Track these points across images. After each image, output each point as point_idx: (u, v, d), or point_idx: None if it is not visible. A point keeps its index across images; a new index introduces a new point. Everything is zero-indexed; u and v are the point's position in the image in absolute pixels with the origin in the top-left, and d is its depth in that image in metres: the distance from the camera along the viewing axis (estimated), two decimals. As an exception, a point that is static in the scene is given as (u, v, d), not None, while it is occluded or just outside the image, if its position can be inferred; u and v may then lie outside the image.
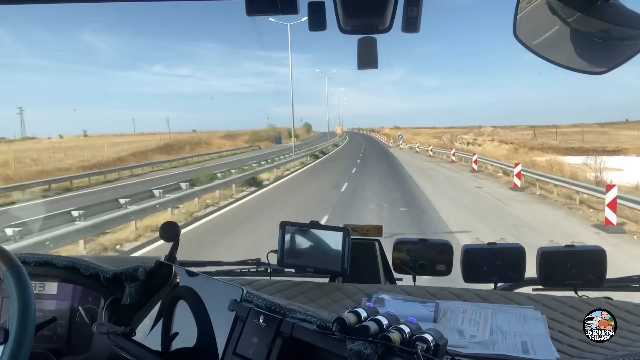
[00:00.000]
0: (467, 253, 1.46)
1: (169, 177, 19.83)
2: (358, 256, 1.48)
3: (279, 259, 1.43)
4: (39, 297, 1.24)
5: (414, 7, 0.98)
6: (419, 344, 0.73)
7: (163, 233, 1.34)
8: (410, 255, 1.55)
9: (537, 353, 0.94)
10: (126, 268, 1.20)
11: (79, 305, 1.25)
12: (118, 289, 1.22)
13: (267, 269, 1.64)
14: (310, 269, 1.39)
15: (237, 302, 0.98)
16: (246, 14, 0.97)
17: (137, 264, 1.21)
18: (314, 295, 1.27)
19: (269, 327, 0.91)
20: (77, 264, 1.26)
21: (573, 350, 0.96)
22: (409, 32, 1.01)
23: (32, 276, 0.95)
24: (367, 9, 1.06)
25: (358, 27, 1.12)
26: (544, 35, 0.89)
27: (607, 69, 0.85)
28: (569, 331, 1.04)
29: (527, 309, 1.11)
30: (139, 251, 7.79)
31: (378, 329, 0.77)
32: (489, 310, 1.11)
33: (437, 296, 1.24)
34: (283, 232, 1.42)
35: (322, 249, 1.37)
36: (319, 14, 1.03)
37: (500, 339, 1.00)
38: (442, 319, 1.11)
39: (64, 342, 1.23)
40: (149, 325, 1.10)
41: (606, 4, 0.77)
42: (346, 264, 1.32)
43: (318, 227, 1.39)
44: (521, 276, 1.45)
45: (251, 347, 0.91)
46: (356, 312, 0.81)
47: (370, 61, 1.18)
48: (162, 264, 1.20)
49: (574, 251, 1.42)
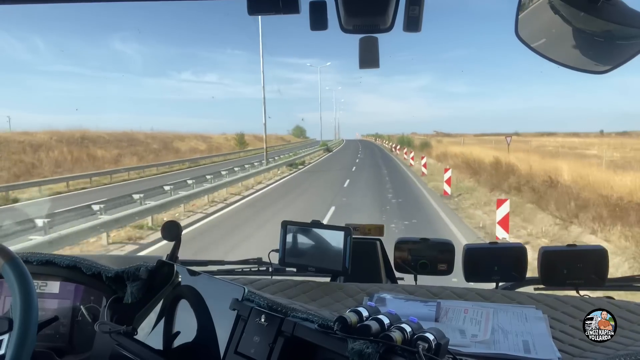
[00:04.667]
0: (469, 252, 1.46)
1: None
2: (359, 255, 1.48)
3: (281, 258, 1.43)
4: (41, 296, 1.24)
5: (416, 6, 0.98)
6: (421, 343, 0.73)
7: (165, 232, 1.34)
8: (412, 255, 1.55)
9: (539, 352, 0.94)
10: (128, 267, 1.21)
11: (80, 304, 1.25)
12: (120, 288, 1.22)
13: (269, 268, 1.64)
14: (312, 268, 1.39)
15: (238, 301, 0.98)
16: (248, 13, 0.97)
17: (139, 263, 1.21)
18: (315, 295, 1.27)
19: (270, 326, 0.91)
20: (79, 263, 1.26)
21: (575, 349, 0.96)
22: (410, 32, 1.01)
23: (35, 275, 0.95)
24: (369, 8, 1.06)
25: (359, 27, 1.12)
26: (545, 34, 0.89)
27: (609, 68, 0.85)
28: (570, 331, 1.04)
29: (528, 309, 1.11)
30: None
31: (379, 328, 0.77)
32: (490, 309, 1.11)
33: (438, 295, 1.23)
34: (285, 231, 1.42)
35: (323, 248, 1.37)
36: (320, 14, 1.03)
37: (501, 339, 1.00)
38: (444, 318, 1.11)
39: (66, 341, 1.24)
40: (150, 324, 1.10)
41: (608, 3, 0.77)
42: (347, 264, 1.32)
43: (319, 226, 1.39)
44: (523, 275, 1.45)
45: (253, 346, 0.92)
46: (358, 312, 0.81)
47: (371, 61, 1.18)
48: (163, 263, 1.20)
49: (575, 251, 1.42)
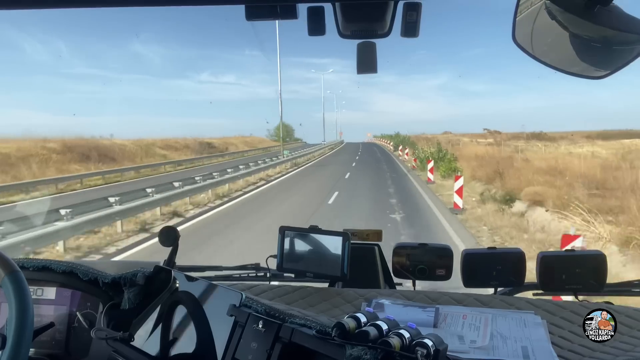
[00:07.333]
0: (467, 258, 1.46)
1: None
2: (358, 261, 1.47)
3: (279, 264, 1.42)
4: (37, 302, 1.24)
5: (413, 12, 0.99)
6: (419, 349, 0.73)
7: (162, 238, 1.34)
8: (410, 260, 1.55)
9: (538, 358, 0.94)
10: (125, 273, 1.20)
11: (77, 311, 1.24)
12: (117, 294, 1.21)
13: (267, 273, 1.63)
14: (310, 273, 1.38)
15: (236, 307, 0.98)
16: (245, 18, 0.98)
17: (136, 269, 1.21)
18: (313, 300, 1.27)
19: (268, 332, 0.91)
20: (75, 269, 1.25)
21: (573, 355, 0.96)
22: (408, 37, 1.02)
23: (31, 281, 0.95)
24: (367, 14, 1.06)
25: (357, 32, 1.12)
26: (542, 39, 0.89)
27: (606, 73, 0.86)
28: (569, 336, 1.03)
29: (527, 314, 1.11)
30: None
31: (378, 334, 0.77)
32: (489, 315, 1.11)
33: (437, 301, 1.23)
34: (282, 236, 1.41)
35: (321, 253, 1.36)
36: (318, 19, 1.04)
37: (500, 344, 1.00)
38: (442, 324, 1.10)
39: (62, 347, 1.23)
40: (147, 330, 1.09)
41: (605, 8, 0.77)
42: (346, 269, 1.32)
43: (317, 231, 1.38)
44: (521, 281, 1.44)
45: (250, 352, 0.91)
46: (356, 317, 0.81)
47: (369, 66, 1.18)
48: (161, 268, 1.19)
49: (574, 256, 1.42)
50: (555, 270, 1.39)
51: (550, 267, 1.40)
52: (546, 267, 1.40)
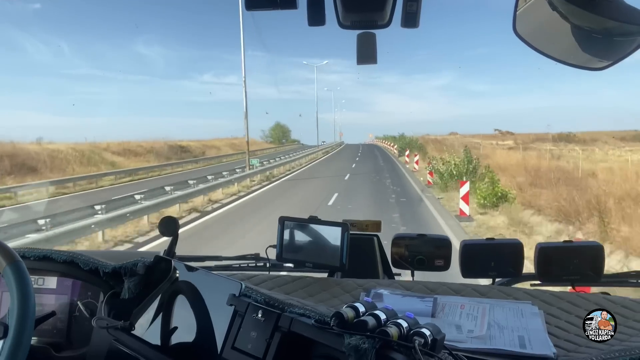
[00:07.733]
0: (466, 248, 1.47)
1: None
2: (357, 251, 1.48)
3: (278, 254, 1.43)
4: (39, 291, 1.24)
5: (414, 2, 0.98)
6: (417, 338, 0.73)
7: (162, 228, 1.34)
8: (409, 251, 1.56)
9: (534, 348, 0.94)
10: (125, 263, 1.21)
11: (78, 300, 1.25)
12: (117, 283, 1.22)
13: (266, 263, 1.64)
14: (309, 264, 1.39)
15: (235, 296, 0.98)
16: (245, 8, 0.97)
17: (136, 259, 1.22)
18: (312, 290, 1.28)
19: (267, 321, 0.92)
20: (76, 258, 1.26)
21: (570, 345, 0.97)
22: (408, 28, 1.01)
23: (32, 271, 0.96)
24: (367, 4, 1.05)
25: (357, 22, 1.12)
26: (543, 31, 0.89)
27: (607, 65, 0.85)
28: (566, 326, 1.04)
29: (524, 304, 1.12)
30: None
31: (376, 323, 0.78)
32: (486, 305, 1.12)
33: (435, 291, 1.24)
34: (282, 227, 1.42)
35: (321, 244, 1.37)
36: (318, 9, 1.03)
37: (497, 334, 1.01)
38: (440, 313, 1.11)
39: (63, 336, 1.24)
40: (148, 319, 1.10)
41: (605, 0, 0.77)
42: (345, 259, 1.33)
43: (317, 222, 1.39)
44: (519, 272, 1.45)
45: (250, 341, 0.92)
46: (354, 307, 0.82)
47: (369, 56, 1.18)
48: (161, 258, 1.20)
49: (571, 247, 1.42)
50: (553, 261, 1.40)
51: (548, 258, 1.41)
52: (544, 258, 1.41)
